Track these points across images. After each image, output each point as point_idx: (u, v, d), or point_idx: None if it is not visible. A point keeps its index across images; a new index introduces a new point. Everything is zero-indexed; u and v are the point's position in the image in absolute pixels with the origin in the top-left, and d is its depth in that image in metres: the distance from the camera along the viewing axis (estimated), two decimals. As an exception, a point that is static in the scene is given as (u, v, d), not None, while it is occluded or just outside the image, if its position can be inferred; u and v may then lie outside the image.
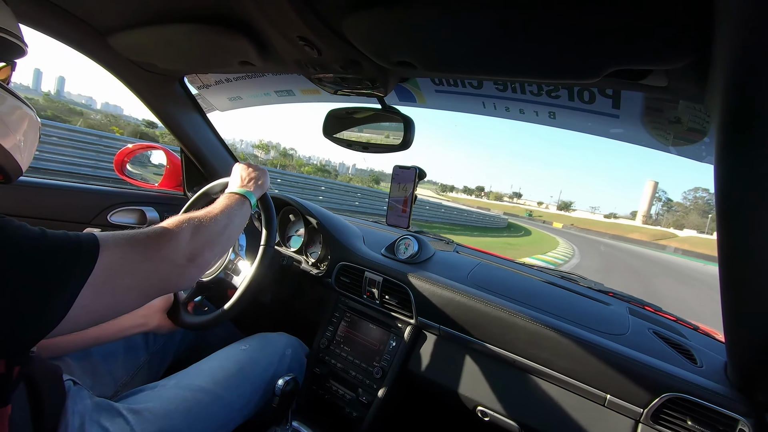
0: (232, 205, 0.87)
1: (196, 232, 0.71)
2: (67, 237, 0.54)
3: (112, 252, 0.57)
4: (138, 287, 0.61)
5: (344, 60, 0.83)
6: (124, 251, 0.59)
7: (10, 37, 0.67)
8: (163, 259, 0.64)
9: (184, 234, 0.69)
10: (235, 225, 0.85)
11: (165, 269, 0.65)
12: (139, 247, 0.62)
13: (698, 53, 0.50)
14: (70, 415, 0.71)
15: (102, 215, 1.42)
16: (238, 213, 0.88)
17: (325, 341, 1.25)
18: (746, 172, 0.49)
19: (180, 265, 0.67)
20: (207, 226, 0.75)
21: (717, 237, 0.59)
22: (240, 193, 0.93)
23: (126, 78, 1.26)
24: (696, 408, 0.78)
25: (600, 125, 0.99)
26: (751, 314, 0.65)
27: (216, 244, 0.76)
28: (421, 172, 1.17)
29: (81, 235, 0.56)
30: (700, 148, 0.89)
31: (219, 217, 0.80)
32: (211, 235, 0.75)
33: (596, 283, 1.35)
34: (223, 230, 0.79)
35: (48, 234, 0.52)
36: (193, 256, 0.69)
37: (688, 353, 0.95)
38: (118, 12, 0.94)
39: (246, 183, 1.01)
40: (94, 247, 0.55)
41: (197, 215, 0.75)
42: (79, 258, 0.53)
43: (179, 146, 1.56)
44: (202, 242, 0.72)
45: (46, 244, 0.51)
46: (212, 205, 0.85)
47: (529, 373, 0.97)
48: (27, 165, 0.74)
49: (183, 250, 0.67)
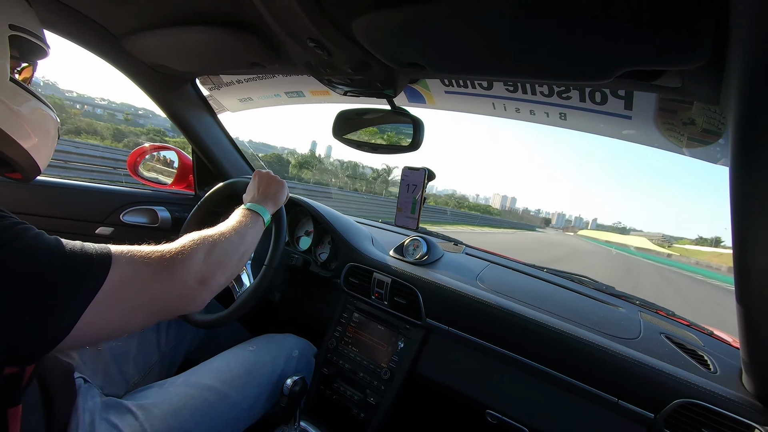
0: (245, 223, 0.85)
1: (209, 252, 0.70)
2: (80, 250, 0.53)
3: (124, 269, 0.56)
4: (146, 307, 0.60)
5: (354, 61, 0.84)
6: (137, 269, 0.58)
7: (34, 39, 0.68)
8: (176, 280, 0.63)
9: (198, 255, 0.67)
10: (248, 244, 0.83)
11: (176, 291, 0.64)
12: (152, 266, 0.60)
13: (713, 54, 0.50)
14: (81, 412, 0.72)
15: (115, 214, 1.44)
16: (252, 231, 0.86)
17: (334, 342, 1.25)
18: (763, 174, 0.48)
19: (192, 288, 0.66)
20: (221, 247, 0.73)
21: (732, 240, 0.58)
22: (254, 210, 0.92)
23: (139, 80, 1.28)
24: (709, 415, 0.77)
25: (612, 127, 0.98)
26: (766, 318, 0.64)
27: (229, 266, 0.75)
28: (431, 174, 1.17)
29: (95, 248, 0.55)
30: (714, 149, 0.87)
31: (233, 237, 0.78)
32: (225, 256, 0.74)
33: (607, 286, 1.33)
34: (235, 251, 0.78)
35: (63, 246, 0.52)
36: (205, 279, 0.68)
37: (701, 359, 0.93)
38: (133, 15, 0.96)
39: (261, 196, 0.99)
40: (105, 263, 0.54)
41: (211, 235, 0.74)
42: (90, 273, 0.52)
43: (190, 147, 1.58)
44: (215, 264, 0.70)
45: (60, 255, 0.51)
46: (225, 223, 0.83)
47: (539, 377, 0.96)
48: (45, 164, 0.76)
49: (196, 272, 0.66)
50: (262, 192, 1.01)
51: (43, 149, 0.73)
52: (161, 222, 1.51)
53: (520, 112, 1.10)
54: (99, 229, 1.41)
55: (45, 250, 0.50)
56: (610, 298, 1.24)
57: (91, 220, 1.41)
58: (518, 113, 1.11)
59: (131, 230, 1.47)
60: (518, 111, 1.10)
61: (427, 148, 42.13)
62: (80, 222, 1.39)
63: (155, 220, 1.51)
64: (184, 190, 1.69)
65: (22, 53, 0.69)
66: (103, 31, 1.04)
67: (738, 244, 0.58)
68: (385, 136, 1.12)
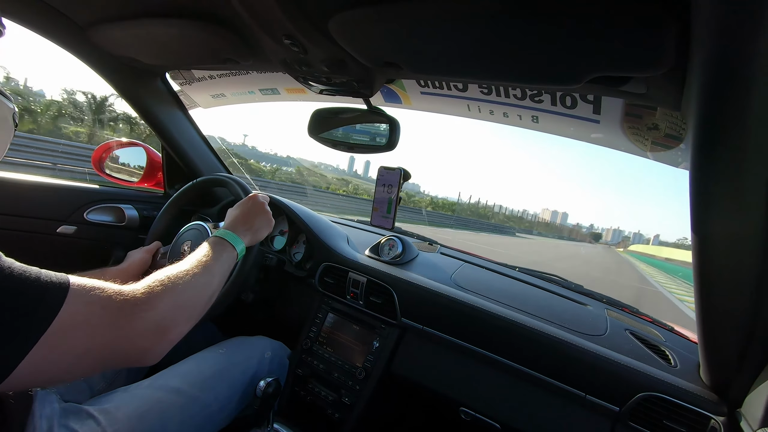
0: (217, 259, 0.77)
1: (176, 299, 0.63)
2: (32, 280, 0.47)
3: (78, 309, 0.50)
4: (97, 354, 0.53)
5: (330, 60, 0.83)
6: (91, 311, 0.51)
7: None
8: (134, 330, 0.56)
9: (164, 302, 0.60)
10: (216, 284, 0.75)
11: (132, 342, 0.56)
12: (110, 310, 0.53)
13: (676, 62, 0.52)
14: (38, 419, 0.68)
15: (78, 212, 1.38)
16: (222, 270, 0.78)
17: (308, 342, 1.24)
18: (720, 176, 0.51)
19: (150, 339, 0.58)
20: (190, 292, 0.66)
21: (691, 239, 0.61)
22: (228, 240, 0.84)
23: (106, 73, 1.23)
24: (670, 407, 0.80)
25: (581, 130, 1.02)
26: (723, 315, 0.67)
27: (195, 312, 0.67)
28: (406, 174, 1.17)
29: (51, 280, 0.49)
30: (676, 154, 0.92)
31: (203, 278, 0.71)
32: (192, 302, 0.67)
33: (576, 284, 1.38)
34: (204, 294, 0.70)
35: (13, 273, 0.46)
36: (168, 329, 0.60)
37: (663, 354, 0.97)
38: (100, 5, 0.92)
39: (243, 226, 0.91)
40: (58, 298, 0.48)
41: (181, 277, 0.66)
42: (38, 310, 0.46)
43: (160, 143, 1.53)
44: (181, 312, 0.64)
45: (6, 285, 0.45)
46: (196, 257, 0.75)
47: (511, 374, 0.98)
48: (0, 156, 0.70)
49: (158, 321, 0.59)
50: (245, 221, 0.93)
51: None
52: (128, 221, 1.46)
53: (494, 114, 1.12)
54: (61, 227, 1.35)
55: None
56: (578, 296, 1.28)
57: (54, 218, 1.34)
58: (492, 115, 1.13)
59: (96, 229, 1.41)
60: (492, 113, 1.12)
61: (471, 159, 39.63)
62: (41, 220, 1.32)
63: (122, 218, 1.46)
64: (152, 187, 1.64)
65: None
66: (66, 20, 0.99)
67: (697, 244, 0.61)
68: (361, 136, 1.12)
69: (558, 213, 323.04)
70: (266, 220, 0.98)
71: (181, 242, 1.10)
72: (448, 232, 25.46)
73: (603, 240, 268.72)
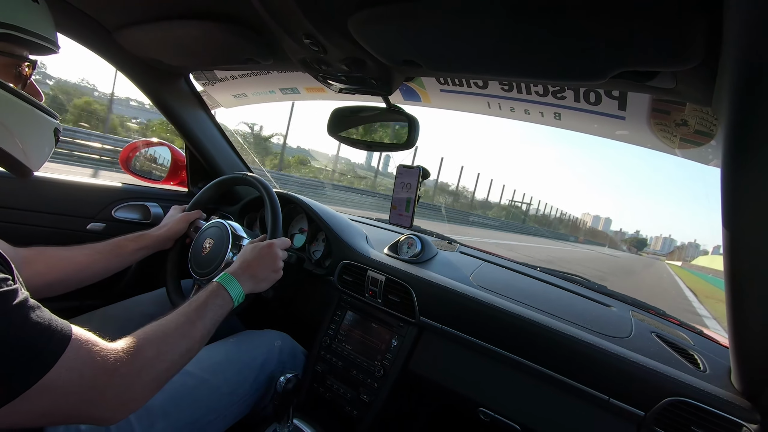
0: (212, 311, 0.78)
1: (154, 374, 0.62)
2: (30, 336, 0.48)
3: (71, 367, 0.51)
4: (67, 410, 0.53)
5: (350, 58, 0.83)
6: (81, 374, 0.52)
7: (28, 36, 0.67)
8: (104, 399, 0.56)
9: (141, 378, 0.60)
10: (198, 337, 0.74)
11: (98, 408, 0.56)
12: (87, 378, 0.53)
13: (706, 56, 0.50)
14: None
15: (107, 210, 1.43)
16: (212, 319, 0.78)
17: (327, 339, 1.25)
18: (754, 175, 0.49)
19: (114, 410, 0.58)
20: (166, 363, 0.65)
21: (723, 241, 0.59)
22: (226, 288, 0.84)
23: (132, 74, 1.27)
24: (699, 413, 0.78)
25: (605, 127, 0.99)
26: (757, 320, 0.64)
27: (166, 379, 0.66)
28: (425, 172, 1.17)
29: (49, 336, 0.50)
30: (706, 151, 0.88)
31: (185, 342, 0.69)
32: (166, 371, 0.65)
33: (600, 285, 1.34)
34: (183, 358, 0.69)
35: (10, 329, 0.47)
36: (134, 402, 0.60)
37: (691, 357, 0.94)
38: (126, 8, 0.95)
39: (245, 272, 0.91)
40: (54, 353, 0.49)
41: (160, 351, 0.64)
42: (30, 370, 0.47)
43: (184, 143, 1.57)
44: (156, 385, 0.63)
45: (6, 341, 0.46)
46: (189, 307, 0.75)
47: (532, 375, 0.97)
48: (38, 166, 0.77)
49: (126, 398, 0.59)
50: (252, 268, 0.93)
51: (34, 152, 0.74)
52: (153, 218, 1.50)
53: (515, 111, 1.10)
54: (90, 224, 1.40)
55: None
56: (602, 297, 1.25)
57: (83, 216, 1.39)
58: (513, 112, 1.11)
59: (123, 226, 1.45)
60: (513, 110, 1.11)
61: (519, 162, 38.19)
62: (71, 217, 1.37)
63: (147, 216, 1.50)
64: (177, 186, 1.68)
65: (14, 51, 0.69)
66: (95, 24, 1.03)
67: (729, 245, 0.58)
68: (380, 134, 1.12)
69: (600, 218, 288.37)
70: (273, 273, 0.99)
71: (202, 239, 1.12)
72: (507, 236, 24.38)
73: (650, 249, 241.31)
